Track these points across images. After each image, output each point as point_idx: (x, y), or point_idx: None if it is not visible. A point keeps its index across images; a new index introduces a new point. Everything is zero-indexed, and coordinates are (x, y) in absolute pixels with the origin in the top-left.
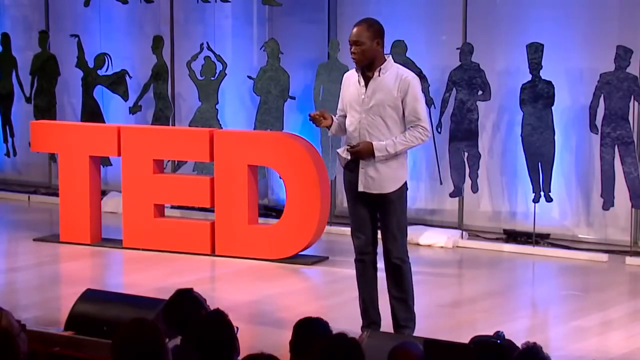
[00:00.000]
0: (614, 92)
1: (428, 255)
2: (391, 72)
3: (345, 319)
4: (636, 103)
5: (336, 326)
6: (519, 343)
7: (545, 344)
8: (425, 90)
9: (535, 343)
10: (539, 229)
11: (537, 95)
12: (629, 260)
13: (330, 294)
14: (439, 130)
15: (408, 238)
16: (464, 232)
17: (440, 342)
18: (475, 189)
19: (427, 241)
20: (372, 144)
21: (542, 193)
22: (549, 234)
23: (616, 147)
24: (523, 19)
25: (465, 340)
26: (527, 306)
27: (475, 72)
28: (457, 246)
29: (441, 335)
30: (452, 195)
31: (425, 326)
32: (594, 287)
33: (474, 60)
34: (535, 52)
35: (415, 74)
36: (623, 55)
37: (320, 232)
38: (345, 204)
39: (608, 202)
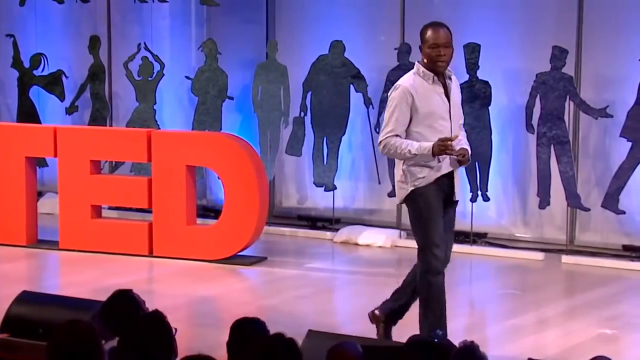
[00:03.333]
0: (549, 92)
1: (367, 255)
2: (448, 74)
3: (283, 319)
4: (571, 103)
5: (274, 326)
6: (457, 342)
7: (482, 342)
8: (364, 90)
9: (472, 342)
10: (476, 228)
11: (474, 95)
12: (565, 258)
13: (268, 294)
14: (377, 130)
15: (346, 238)
16: (402, 232)
17: (377, 344)
18: None
19: (365, 241)
20: (467, 150)
21: (479, 192)
22: (486, 233)
23: (552, 146)
24: (460, 19)
25: (403, 339)
26: (465, 305)
27: None
28: (395, 246)
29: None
30: (390, 195)
31: (363, 327)
32: (530, 285)
33: (412, 60)
34: (472, 52)
35: (354, 75)
36: (559, 55)
37: (258, 233)
38: (285, 204)
39: (544, 201)
